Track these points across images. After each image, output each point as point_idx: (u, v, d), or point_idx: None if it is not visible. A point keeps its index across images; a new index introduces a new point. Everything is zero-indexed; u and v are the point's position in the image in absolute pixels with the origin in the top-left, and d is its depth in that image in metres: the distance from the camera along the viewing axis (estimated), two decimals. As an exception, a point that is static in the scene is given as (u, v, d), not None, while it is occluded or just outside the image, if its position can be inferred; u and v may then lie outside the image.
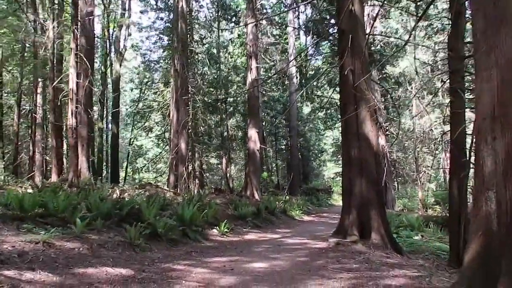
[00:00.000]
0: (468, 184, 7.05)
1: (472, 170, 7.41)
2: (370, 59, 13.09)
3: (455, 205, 6.99)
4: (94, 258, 4.67)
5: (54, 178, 14.16)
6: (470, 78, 10.19)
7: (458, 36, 6.72)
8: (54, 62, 15.24)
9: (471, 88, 9.41)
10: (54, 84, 12.73)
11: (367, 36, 8.83)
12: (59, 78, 13.01)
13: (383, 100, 20.97)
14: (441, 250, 8.91)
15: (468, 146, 7.04)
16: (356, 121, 7.98)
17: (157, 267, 4.90)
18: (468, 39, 8.85)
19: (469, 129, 7.84)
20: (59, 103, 13.82)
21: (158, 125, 27.37)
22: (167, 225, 6.93)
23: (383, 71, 19.52)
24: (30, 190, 8.53)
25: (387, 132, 21.56)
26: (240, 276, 4.69)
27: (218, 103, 23.01)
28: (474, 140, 3.52)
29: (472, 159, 7.04)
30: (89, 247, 5.01)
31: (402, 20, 22.20)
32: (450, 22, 7.05)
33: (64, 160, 17.74)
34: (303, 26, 18.76)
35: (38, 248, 4.39)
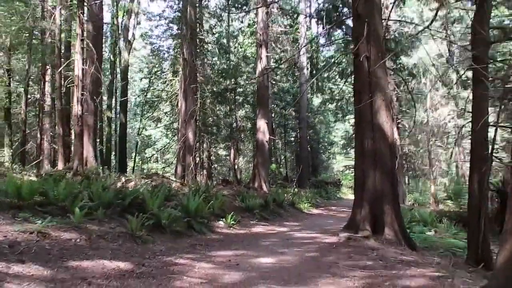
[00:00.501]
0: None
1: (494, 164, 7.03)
2: (385, 47, 12.56)
3: (475, 200, 6.61)
4: (92, 250, 4.40)
5: (60, 166, 14.01)
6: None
7: (483, 19, 6.28)
8: (62, 48, 15.02)
9: (494, 77, 8.91)
10: (59, 70, 12.47)
11: (383, 21, 8.41)
12: (65, 64, 12.74)
13: (395, 92, 20.43)
14: (456, 247, 8.57)
15: (490, 138, 6.64)
16: (371, 110, 7.59)
17: (158, 260, 4.63)
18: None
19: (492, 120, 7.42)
20: (64, 90, 13.59)
21: (166, 115, 27.15)
22: (171, 216, 6.66)
23: (397, 61, 18.93)
24: (33, 178, 8.33)
25: (399, 125, 21.04)
26: (245, 272, 4.39)
27: (227, 93, 22.65)
28: None
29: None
30: (87, 238, 4.75)
31: (417, 9, 21.55)
32: (475, 4, 6.57)
33: (73, 148, 17.62)
34: (315, 14, 18.22)
35: (31, 238, 4.13)
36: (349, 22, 17.16)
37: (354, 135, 8.86)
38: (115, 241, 5.06)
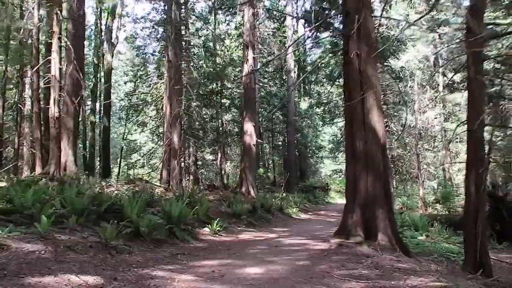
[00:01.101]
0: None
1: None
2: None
3: (472, 203, 6.31)
4: (57, 263, 3.91)
5: (38, 171, 13.37)
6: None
7: (478, 13, 6.01)
8: (40, 49, 14.44)
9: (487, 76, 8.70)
10: (35, 69, 11.86)
11: (374, 19, 8.13)
12: (40, 64, 12.14)
13: (382, 95, 20.31)
14: (450, 252, 8.31)
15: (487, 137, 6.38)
16: (362, 110, 7.27)
17: (134, 273, 4.16)
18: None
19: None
20: (43, 92, 12.98)
21: (152, 120, 26.58)
22: (151, 223, 6.18)
23: (384, 64, 18.80)
24: (3, 184, 7.76)
25: (387, 128, 20.89)
26: (230, 285, 3.96)
27: (213, 96, 22.19)
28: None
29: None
30: (54, 249, 4.25)
31: (404, 13, 21.57)
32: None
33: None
34: (302, 16, 17.98)
35: (-14, 251, 3.65)
36: (337, 24, 17.01)
37: (344, 136, 8.53)
38: (86, 252, 4.57)
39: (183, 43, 19.06)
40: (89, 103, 26.34)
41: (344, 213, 7.69)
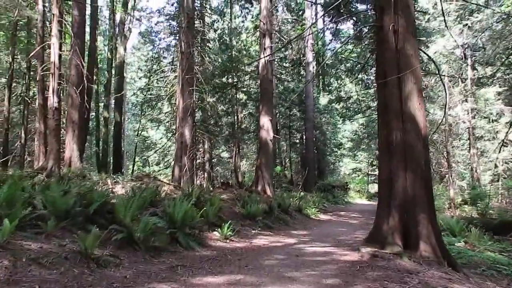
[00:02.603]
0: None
1: None
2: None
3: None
4: (8, 284, 2.94)
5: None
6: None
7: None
8: (44, 37, 13.69)
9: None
10: (32, 54, 11.06)
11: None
12: (38, 48, 11.29)
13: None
14: (499, 263, 7.09)
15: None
16: (399, 95, 6.13)
17: (112, 298, 3.17)
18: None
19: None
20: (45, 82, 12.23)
21: (166, 116, 25.81)
22: (148, 227, 5.19)
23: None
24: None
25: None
26: (239, 318, 2.93)
27: (228, 89, 21.18)
28: None
29: None
30: (12, 263, 3.29)
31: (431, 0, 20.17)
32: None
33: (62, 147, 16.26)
34: (322, 2, 16.76)
35: None
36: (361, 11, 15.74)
37: (377, 127, 7.38)
38: (58, 266, 3.59)
39: (198, 35, 18.18)
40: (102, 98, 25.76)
41: (376, 217, 6.56)
